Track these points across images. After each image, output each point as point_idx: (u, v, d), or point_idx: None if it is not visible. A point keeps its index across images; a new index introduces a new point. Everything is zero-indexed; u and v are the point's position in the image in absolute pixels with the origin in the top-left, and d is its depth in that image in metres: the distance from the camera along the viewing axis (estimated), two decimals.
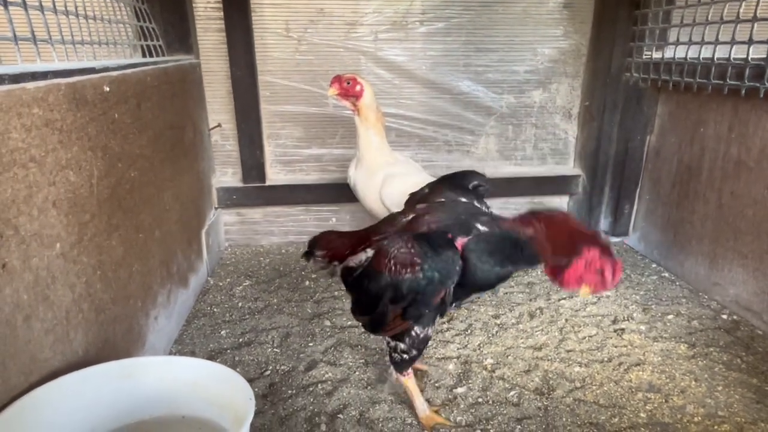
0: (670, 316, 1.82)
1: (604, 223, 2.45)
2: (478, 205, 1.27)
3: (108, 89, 1.12)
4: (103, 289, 1.10)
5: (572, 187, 2.53)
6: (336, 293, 2.00)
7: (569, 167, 2.59)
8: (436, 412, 1.34)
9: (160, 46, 1.95)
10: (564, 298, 1.95)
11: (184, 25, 2.02)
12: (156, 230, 1.47)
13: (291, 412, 1.37)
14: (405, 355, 1.25)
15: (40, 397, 0.81)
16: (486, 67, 2.37)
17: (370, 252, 1.17)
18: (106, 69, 1.17)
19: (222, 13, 2.10)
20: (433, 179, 1.92)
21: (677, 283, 2.06)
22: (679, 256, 2.09)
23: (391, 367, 1.32)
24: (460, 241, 1.11)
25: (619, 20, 2.16)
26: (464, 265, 1.09)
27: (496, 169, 2.54)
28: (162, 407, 0.93)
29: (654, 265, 2.22)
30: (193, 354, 1.61)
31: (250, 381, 1.48)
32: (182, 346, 1.65)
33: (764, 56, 1.51)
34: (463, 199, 1.28)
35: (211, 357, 1.59)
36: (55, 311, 0.90)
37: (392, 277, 1.08)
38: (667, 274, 2.14)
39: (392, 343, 1.26)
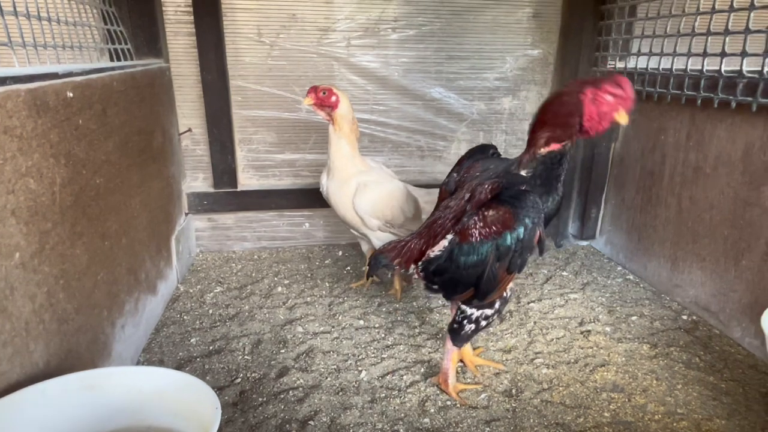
0: (634, 318, 1.88)
1: (572, 227, 2.52)
2: (507, 161, 1.38)
3: (71, 95, 1.10)
4: (66, 298, 1.08)
5: None
6: (308, 299, 2.00)
7: None
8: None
9: (128, 49, 1.92)
10: (533, 301, 1.99)
11: (153, 28, 1.99)
12: (123, 237, 1.45)
13: (261, 419, 1.36)
14: (484, 322, 1.36)
15: None
16: (457, 75, 2.41)
17: (451, 236, 1.27)
18: (70, 74, 1.15)
19: (192, 17, 2.08)
20: (405, 185, 1.95)
21: (641, 285, 2.13)
22: (643, 258, 2.16)
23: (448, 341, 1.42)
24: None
25: (585, 31, 2.23)
26: None
27: None
28: (127, 419, 0.91)
29: (619, 268, 2.29)
30: (161, 363, 1.58)
31: (220, 389, 1.47)
32: (150, 354, 1.62)
33: (717, 68, 1.58)
34: (493, 165, 1.38)
35: (180, 365, 1.57)
36: (14, 323, 0.87)
37: (492, 239, 1.20)
38: (631, 277, 2.21)
39: (476, 313, 1.34)
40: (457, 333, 1.38)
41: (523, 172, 1.25)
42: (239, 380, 1.52)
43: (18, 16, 1.14)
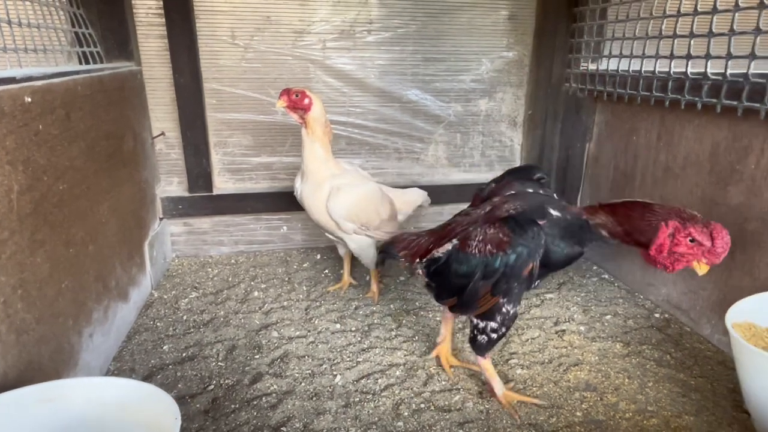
0: (608, 317, 1.90)
1: None
2: (547, 194, 1.38)
3: (30, 100, 1.08)
4: (26, 308, 1.05)
5: None
6: (285, 303, 1.99)
7: None
8: (511, 389, 1.47)
9: (98, 52, 1.89)
10: None
11: (124, 31, 1.96)
12: (90, 244, 1.42)
13: (233, 427, 1.34)
14: (494, 335, 1.35)
15: None
16: (433, 77, 2.41)
17: (455, 241, 1.30)
18: (29, 78, 1.12)
19: (164, 19, 2.05)
20: (380, 186, 1.95)
21: (616, 284, 2.16)
22: (618, 258, 2.18)
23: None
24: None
25: (558, 33, 2.25)
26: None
27: (445, 176, 2.59)
28: (88, 431, 0.89)
29: (595, 267, 2.32)
30: (132, 371, 1.56)
31: (192, 396, 1.45)
32: (121, 363, 1.59)
33: (683, 70, 1.60)
34: (530, 189, 1.37)
35: (152, 373, 1.55)
36: None
37: (483, 256, 1.22)
38: (606, 276, 2.24)
39: (482, 324, 1.35)
40: (474, 343, 1.41)
41: (556, 213, 1.25)
42: (212, 387, 1.50)
43: None
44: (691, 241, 1.08)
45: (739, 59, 1.42)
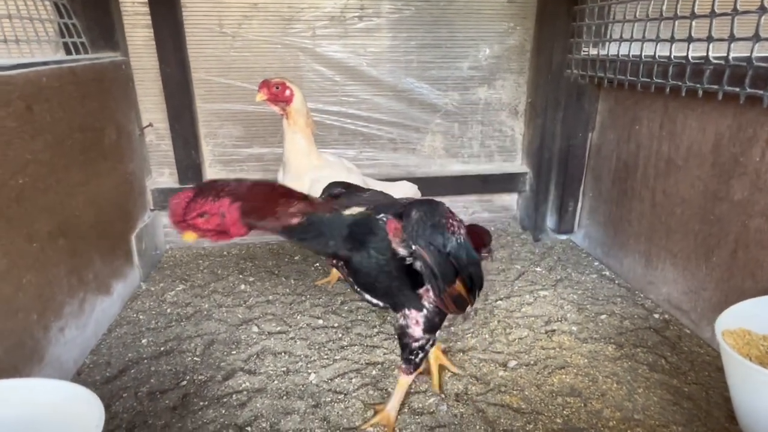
0: (604, 316, 1.81)
1: (550, 221, 2.44)
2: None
3: None
4: None
5: (519, 184, 2.51)
6: (270, 297, 1.96)
7: (517, 164, 2.57)
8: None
9: (82, 43, 1.88)
10: (501, 299, 1.93)
11: (108, 20, 1.94)
12: (60, 238, 1.41)
13: (199, 425, 1.32)
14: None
15: None
16: (429, 64, 2.33)
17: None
18: None
19: (149, 8, 2.02)
20: (365, 179, 1.89)
21: (616, 282, 2.05)
22: (619, 254, 2.08)
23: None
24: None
25: (559, 16, 2.13)
26: None
27: (443, 167, 2.51)
28: (21, 431, 0.87)
29: (596, 264, 2.21)
30: (108, 365, 1.55)
31: (163, 392, 1.43)
32: (98, 356, 1.59)
33: (684, 54, 1.48)
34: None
35: (127, 368, 1.54)
36: None
37: None
38: (607, 273, 2.13)
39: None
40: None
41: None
42: (185, 383, 1.48)
43: None
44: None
45: (743, 42, 1.30)
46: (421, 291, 1.14)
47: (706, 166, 1.57)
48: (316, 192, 1.71)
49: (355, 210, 1.04)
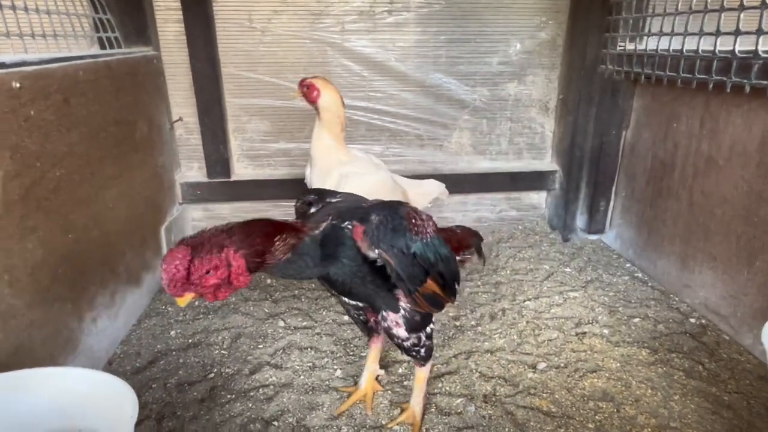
0: (636, 320, 1.75)
1: (580, 220, 2.38)
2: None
3: (18, 85, 1.07)
4: (14, 294, 1.06)
5: (549, 182, 2.46)
6: (296, 292, 1.96)
7: (546, 162, 2.51)
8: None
9: (116, 38, 1.90)
10: (529, 299, 1.89)
11: (141, 16, 1.96)
12: (93, 230, 1.43)
13: (227, 418, 1.33)
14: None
15: None
16: (458, 59, 2.29)
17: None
18: (21, 64, 1.12)
19: (180, 4, 2.03)
20: (393, 176, 1.87)
21: (649, 284, 1.99)
22: (653, 255, 2.01)
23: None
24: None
25: (594, 9, 2.06)
26: None
27: (470, 164, 2.47)
28: (57, 420, 0.89)
29: (628, 265, 2.15)
30: (138, 355, 1.57)
31: (191, 384, 1.45)
32: (128, 347, 1.61)
33: (731, 48, 1.42)
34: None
35: (156, 359, 1.56)
36: None
37: None
38: (639, 275, 2.07)
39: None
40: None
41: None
42: (212, 375, 1.49)
43: None
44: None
45: None
46: (396, 292, 1.13)
47: (751, 166, 1.50)
48: (344, 188, 1.70)
49: (321, 225, 1.02)
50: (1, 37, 1.21)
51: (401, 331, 1.18)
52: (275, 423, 1.31)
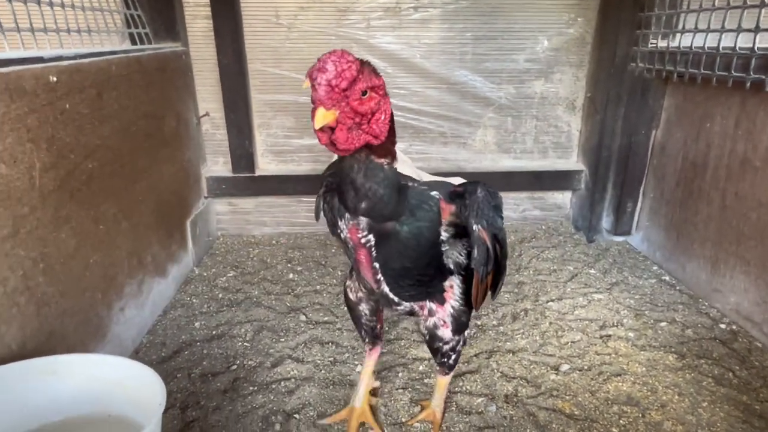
0: (663, 324, 1.71)
1: (606, 222, 2.33)
2: None
3: (55, 79, 1.10)
4: (48, 282, 1.09)
5: (574, 182, 2.42)
6: (318, 287, 1.97)
7: (572, 162, 2.47)
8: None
9: (146, 33, 1.94)
10: (552, 300, 1.86)
11: (170, 12, 1.99)
12: (123, 221, 1.46)
13: (249, 409, 1.34)
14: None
15: None
16: (484, 56, 2.27)
17: None
18: (58, 58, 1.15)
19: (209, 0, 2.06)
20: (419, 172, 1.86)
21: (677, 288, 1.94)
22: (681, 258, 1.96)
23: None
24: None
25: (625, 6, 2.02)
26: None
27: (494, 162, 2.45)
28: (89, 405, 0.91)
29: (655, 268, 2.10)
30: (163, 345, 1.61)
31: (214, 375, 1.47)
32: (154, 336, 1.65)
33: None
34: None
35: (180, 349, 1.59)
36: None
37: None
38: (667, 278, 2.02)
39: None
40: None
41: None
42: (235, 367, 1.51)
43: (27, 3, 1.17)
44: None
45: None
46: (446, 284, 1.08)
47: None
48: None
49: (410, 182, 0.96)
50: (38, 33, 1.24)
51: (446, 332, 1.14)
52: (296, 416, 1.32)
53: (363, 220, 0.92)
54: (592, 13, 2.22)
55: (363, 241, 0.95)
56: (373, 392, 1.38)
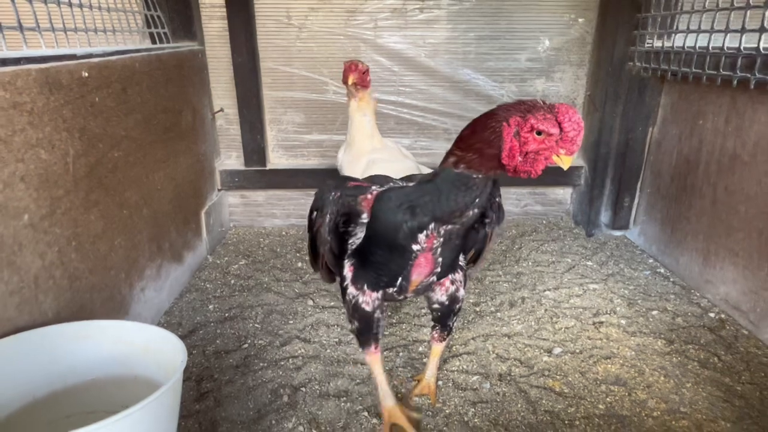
0: (655, 312, 1.79)
1: (604, 216, 2.41)
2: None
3: (87, 74, 1.21)
4: (79, 258, 1.20)
5: (574, 178, 2.49)
6: None
7: None
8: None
9: (165, 33, 2.05)
10: (549, 290, 1.94)
11: (188, 13, 2.10)
12: (144, 208, 1.57)
13: (259, 383, 1.44)
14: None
15: None
16: (487, 56, 2.35)
17: None
18: (89, 56, 1.26)
19: (224, 1, 2.17)
20: (419, 166, 1.95)
21: (671, 280, 2.01)
22: (676, 252, 2.03)
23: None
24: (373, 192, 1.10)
25: (624, 7, 2.09)
26: (372, 216, 1.10)
27: None
28: (117, 367, 1.02)
29: (650, 261, 2.17)
30: (179, 325, 1.71)
31: (227, 352, 1.57)
32: (171, 317, 1.76)
33: (755, 45, 1.44)
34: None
35: (195, 329, 1.70)
36: (22, 276, 1.00)
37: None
38: (662, 270, 2.09)
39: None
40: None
41: (400, 183, 1.11)
42: (246, 346, 1.61)
43: (60, 5, 1.28)
44: (538, 134, 0.88)
45: None
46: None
47: None
48: (371, 172, 1.79)
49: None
50: (70, 32, 1.35)
51: (462, 291, 1.28)
52: (303, 389, 1.42)
53: (444, 227, 1.01)
54: (592, 14, 2.29)
55: (435, 245, 1.05)
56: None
